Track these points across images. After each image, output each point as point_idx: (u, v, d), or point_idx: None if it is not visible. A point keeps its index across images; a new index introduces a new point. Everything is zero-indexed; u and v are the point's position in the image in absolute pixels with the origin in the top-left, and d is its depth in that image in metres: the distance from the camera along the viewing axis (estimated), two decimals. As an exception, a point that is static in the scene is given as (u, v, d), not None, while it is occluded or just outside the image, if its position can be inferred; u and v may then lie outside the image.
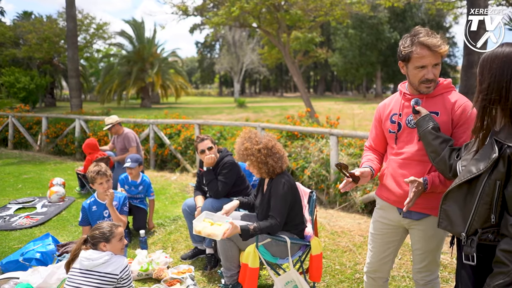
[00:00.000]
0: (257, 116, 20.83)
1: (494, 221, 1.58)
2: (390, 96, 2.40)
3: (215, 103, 39.09)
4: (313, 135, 6.55)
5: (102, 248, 2.68)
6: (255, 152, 2.94)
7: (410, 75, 2.13)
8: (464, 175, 1.64)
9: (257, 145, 2.97)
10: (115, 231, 2.75)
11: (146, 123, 8.65)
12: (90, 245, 2.68)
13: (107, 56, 35.15)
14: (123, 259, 2.68)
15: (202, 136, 3.88)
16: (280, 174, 2.99)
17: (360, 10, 14.48)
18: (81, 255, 2.61)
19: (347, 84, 65.14)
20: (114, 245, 2.71)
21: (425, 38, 2.01)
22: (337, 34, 40.28)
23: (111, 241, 2.70)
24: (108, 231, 2.71)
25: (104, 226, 2.74)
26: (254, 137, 3.02)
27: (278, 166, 2.99)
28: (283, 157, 3.03)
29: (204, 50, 63.83)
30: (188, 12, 13.53)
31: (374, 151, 2.44)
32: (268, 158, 2.95)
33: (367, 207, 5.45)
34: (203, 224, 2.83)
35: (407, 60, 2.09)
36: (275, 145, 3.02)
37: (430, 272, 2.33)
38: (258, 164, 2.97)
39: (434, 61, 2.03)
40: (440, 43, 2.01)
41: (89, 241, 2.70)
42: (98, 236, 2.69)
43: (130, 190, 4.64)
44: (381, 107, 2.39)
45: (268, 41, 16.93)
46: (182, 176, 7.60)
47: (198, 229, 2.79)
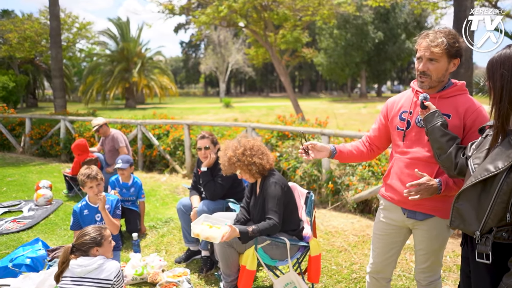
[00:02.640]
0: (244, 116, 20.78)
1: (509, 219, 1.57)
2: (401, 92, 2.40)
3: (200, 103, 38.88)
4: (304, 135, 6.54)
5: (94, 253, 2.59)
6: (239, 156, 2.93)
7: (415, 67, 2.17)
8: (481, 173, 1.62)
9: (239, 150, 2.96)
10: (105, 234, 2.69)
11: (133, 123, 8.52)
12: (80, 253, 2.58)
13: (90, 55, 34.58)
14: (116, 263, 2.61)
15: (204, 133, 3.83)
16: (270, 174, 2.97)
17: (346, 10, 14.59)
18: (71, 264, 2.52)
19: (332, 84, 65.53)
20: (105, 248, 2.66)
21: (430, 33, 2.05)
22: (322, 34, 40.48)
23: (103, 244, 2.64)
24: (98, 234, 2.64)
25: (92, 231, 2.65)
26: (233, 144, 3.01)
27: (266, 161, 2.98)
28: (267, 153, 3.02)
29: (189, 50, 63.47)
30: (175, 11, 13.39)
31: (368, 140, 2.48)
32: (253, 158, 2.94)
33: (359, 206, 5.47)
34: (201, 227, 2.78)
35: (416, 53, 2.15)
36: (254, 144, 3.03)
37: (432, 272, 2.33)
38: (247, 167, 2.95)
39: (428, 55, 2.04)
40: (438, 42, 2.01)
41: (78, 249, 2.59)
42: (89, 241, 2.59)
43: (121, 192, 4.55)
44: (390, 103, 2.38)
45: (255, 41, 16.88)
46: (172, 177, 7.51)
47: (197, 232, 2.74)
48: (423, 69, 2.07)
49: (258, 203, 2.98)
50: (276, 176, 2.97)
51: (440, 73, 2.08)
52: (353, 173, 5.68)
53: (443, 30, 2.08)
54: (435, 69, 2.06)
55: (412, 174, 2.14)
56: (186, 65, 62.90)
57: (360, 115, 21.72)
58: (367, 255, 3.94)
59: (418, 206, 2.15)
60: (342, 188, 5.62)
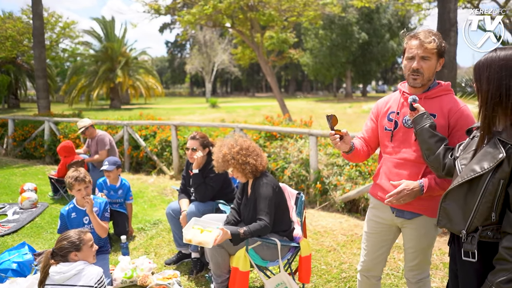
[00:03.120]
0: (231, 116, 20.76)
1: (494, 219, 1.62)
2: (390, 93, 2.45)
3: (186, 103, 38.67)
4: (292, 135, 6.58)
5: (73, 258, 2.52)
6: (234, 155, 2.93)
7: (403, 67, 2.20)
8: (467, 173, 1.66)
9: (234, 148, 2.96)
10: (85, 238, 2.60)
11: (120, 124, 8.44)
12: (59, 258, 2.50)
13: (73, 55, 34.06)
14: (97, 269, 2.54)
15: (195, 134, 3.79)
16: (262, 175, 2.98)
17: (332, 11, 14.70)
18: (50, 271, 2.44)
19: (318, 84, 65.93)
20: (85, 253, 2.57)
21: (420, 33, 2.10)
22: (308, 35, 40.70)
23: (82, 249, 2.55)
24: (77, 238, 2.56)
25: (71, 235, 2.58)
26: (228, 142, 3.01)
27: (259, 163, 2.99)
28: (261, 155, 3.03)
29: (174, 50, 63.07)
30: (161, 11, 13.29)
31: (364, 141, 2.46)
32: (248, 158, 2.94)
33: (347, 206, 5.52)
34: (192, 232, 2.76)
35: (403, 53, 2.18)
36: (250, 144, 3.04)
37: (421, 270, 2.37)
38: (240, 166, 2.95)
39: (422, 53, 2.09)
40: (431, 40, 2.06)
41: (57, 254, 2.51)
42: (67, 246, 2.51)
43: (109, 194, 4.51)
44: (381, 103, 2.41)
45: (242, 41, 16.88)
46: (159, 178, 7.46)
47: (188, 237, 2.72)
48: (417, 67, 2.10)
49: (249, 203, 2.99)
50: (268, 177, 2.98)
51: (431, 71, 2.13)
52: (341, 173, 5.73)
53: (429, 30, 2.13)
54: (427, 67, 2.11)
55: (400, 173, 2.19)
56: (171, 65, 62.48)
57: (346, 115, 21.90)
58: (356, 254, 3.98)
59: (406, 205, 2.18)
60: (330, 188, 5.66)
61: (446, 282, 3.32)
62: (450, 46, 6.85)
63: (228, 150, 2.97)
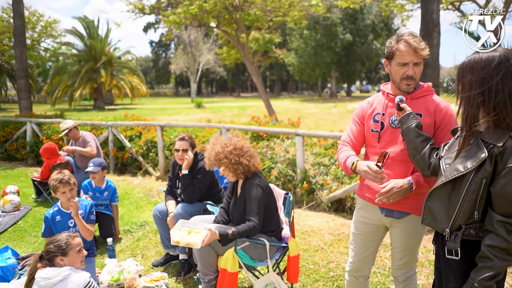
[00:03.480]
0: (216, 116, 20.70)
1: (477, 217, 1.66)
2: (373, 95, 2.46)
3: (171, 104, 38.41)
4: (278, 135, 6.60)
5: (59, 263, 2.47)
6: (227, 154, 2.92)
7: (392, 72, 2.21)
8: (451, 173, 1.69)
9: (228, 147, 2.95)
10: (72, 242, 2.55)
11: (104, 125, 8.33)
12: (46, 262, 2.46)
13: (55, 55, 33.45)
14: (84, 275, 2.49)
15: (184, 135, 3.76)
16: (253, 176, 2.98)
17: (317, 11, 14.79)
18: (37, 275, 2.40)
19: (303, 84, 66.25)
20: (72, 258, 2.53)
21: (409, 37, 2.12)
22: (293, 35, 40.87)
23: (68, 253, 2.51)
24: (64, 243, 2.51)
25: (59, 239, 2.54)
26: (222, 141, 3.00)
27: (252, 164, 2.98)
28: (254, 156, 3.02)
29: (159, 50, 62.56)
30: (145, 11, 13.17)
31: (353, 146, 2.42)
32: (241, 158, 2.93)
33: (333, 205, 5.56)
34: (180, 233, 2.75)
35: (391, 57, 2.18)
36: (244, 145, 3.02)
37: (409, 268, 2.41)
38: (233, 166, 2.94)
39: (415, 60, 2.12)
40: (423, 46, 2.11)
41: (44, 258, 2.47)
42: (54, 250, 2.47)
43: (94, 196, 4.45)
44: (365, 105, 2.42)
45: (227, 41, 16.85)
46: (145, 179, 7.39)
47: (176, 239, 2.71)
48: (412, 74, 2.13)
49: (239, 203, 2.98)
50: (259, 178, 2.98)
51: (420, 74, 2.18)
52: (327, 173, 5.77)
53: (414, 33, 2.16)
54: (419, 71, 2.17)
55: (388, 173, 2.21)
56: (156, 65, 61.91)
57: (331, 114, 22.07)
58: (344, 253, 4.01)
59: (395, 204, 2.21)
60: (316, 187, 5.70)
61: (431, 279, 3.39)
62: (433, 47, 6.95)
63: (221, 149, 2.95)
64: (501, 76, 1.60)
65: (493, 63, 1.62)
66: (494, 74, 1.61)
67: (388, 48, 2.19)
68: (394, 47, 2.15)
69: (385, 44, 2.26)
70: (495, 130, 1.62)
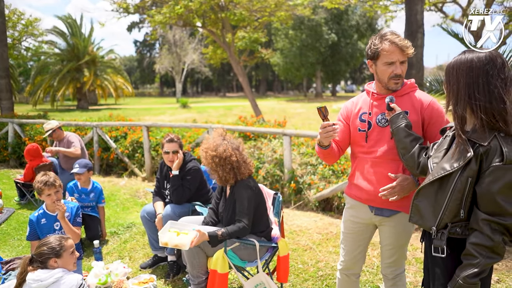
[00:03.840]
0: (202, 116, 20.61)
1: (463, 216, 1.68)
2: (356, 96, 2.47)
3: (156, 104, 38.10)
4: (265, 135, 6.60)
5: (52, 264, 2.45)
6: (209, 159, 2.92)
7: (379, 72, 2.21)
8: (438, 172, 1.72)
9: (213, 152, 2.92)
10: (66, 244, 2.54)
11: (89, 125, 8.20)
12: (38, 265, 2.43)
13: (37, 54, 32.80)
14: (77, 277, 2.47)
15: (172, 136, 3.71)
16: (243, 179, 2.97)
17: (303, 13, 14.84)
18: (28, 278, 2.36)
19: (288, 83, 66.49)
20: (66, 260, 2.51)
21: (393, 37, 2.14)
22: (278, 35, 40.96)
23: (62, 255, 2.49)
24: (58, 245, 2.50)
25: (51, 241, 2.52)
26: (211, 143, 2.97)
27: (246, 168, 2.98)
28: (249, 158, 3.02)
29: (143, 49, 62.00)
30: (130, 10, 13.02)
31: (336, 142, 2.40)
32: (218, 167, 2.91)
33: (321, 204, 5.59)
34: (168, 235, 2.72)
35: (376, 57, 2.19)
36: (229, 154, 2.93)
37: (398, 266, 2.44)
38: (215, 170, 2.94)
39: (401, 58, 2.15)
40: (408, 44, 2.14)
41: (36, 260, 2.44)
42: (47, 252, 2.45)
43: (80, 198, 4.37)
44: (349, 105, 2.42)
45: (213, 41, 16.79)
46: (131, 180, 7.31)
47: (164, 240, 2.68)
48: (400, 73, 2.16)
49: (229, 204, 2.97)
50: (249, 179, 2.97)
51: (405, 72, 2.21)
52: (314, 172, 5.80)
53: (396, 32, 2.19)
54: (405, 69, 2.19)
55: (378, 172, 2.23)
56: (140, 64, 61.36)
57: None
58: (332, 252, 4.04)
59: (385, 203, 2.23)
60: (304, 187, 5.72)
61: (419, 276, 3.44)
62: (418, 47, 7.05)
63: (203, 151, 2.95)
64: (487, 77, 1.63)
65: (479, 63, 1.64)
66: (480, 74, 1.64)
67: (372, 49, 2.19)
68: (378, 47, 2.15)
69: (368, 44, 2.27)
70: (481, 130, 1.65)
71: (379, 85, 2.28)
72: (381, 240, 2.43)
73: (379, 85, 2.27)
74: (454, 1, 11.90)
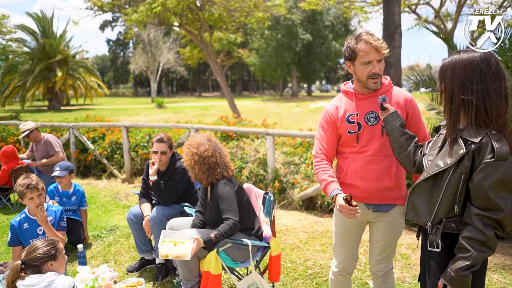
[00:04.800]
0: (179, 116, 20.39)
1: (457, 211, 1.74)
2: (334, 100, 2.44)
3: (131, 104, 37.45)
4: (248, 135, 6.60)
5: (49, 268, 2.41)
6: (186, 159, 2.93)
7: (357, 72, 2.24)
8: (432, 169, 1.77)
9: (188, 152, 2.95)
10: (59, 247, 2.51)
11: (65, 126, 7.98)
12: (31, 270, 2.37)
13: (5, 53, 31.55)
14: (69, 279, 2.41)
15: (163, 136, 3.64)
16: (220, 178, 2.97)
17: (278, 11, 14.93)
18: (19, 284, 2.30)
19: (264, 83, 66.67)
20: (60, 262, 2.49)
21: (368, 37, 2.17)
22: (254, 35, 41.01)
23: (58, 258, 2.46)
24: (52, 247, 2.45)
25: (43, 245, 2.45)
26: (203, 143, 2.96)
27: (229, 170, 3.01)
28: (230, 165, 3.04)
29: (116, 48, 60.83)
30: (105, 8, 12.75)
31: (326, 158, 2.35)
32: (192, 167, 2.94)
33: (305, 203, 5.64)
34: (167, 246, 2.67)
35: (353, 58, 2.22)
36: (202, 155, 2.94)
37: (388, 262, 2.48)
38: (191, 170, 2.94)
39: (378, 57, 2.19)
40: (383, 44, 2.18)
41: (29, 265, 2.37)
42: (42, 256, 2.39)
43: (61, 201, 4.25)
44: (332, 110, 2.36)
45: (190, 40, 16.65)
46: (111, 182, 7.16)
47: (165, 253, 2.64)
48: (378, 71, 2.19)
49: (211, 206, 2.96)
50: (225, 179, 2.97)
51: (383, 70, 2.25)
52: (297, 171, 5.84)
53: (370, 32, 2.22)
54: (382, 67, 2.23)
55: (373, 169, 2.26)
56: (114, 64, 60.17)
57: (293, 114, 22.35)
58: (320, 250, 4.07)
59: (383, 198, 2.27)
60: (287, 186, 5.75)
61: (405, 272, 3.52)
62: (395, 48, 7.21)
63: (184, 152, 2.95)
64: (480, 76, 1.68)
65: (473, 63, 1.70)
66: (474, 74, 1.69)
67: (349, 50, 2.21)
68: (355, 48, 2.18)
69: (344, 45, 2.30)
70: (473, 128, 1.71)
71: (359, 85, 2.30)
72: (372, 237, 2.46)
73: (359, 85, 2.29)
74: (427, 3, 12.22)
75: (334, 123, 2.34)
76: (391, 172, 2.26)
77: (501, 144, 1.64)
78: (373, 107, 2.27)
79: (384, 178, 2.24)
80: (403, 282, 3.39)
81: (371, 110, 2.27)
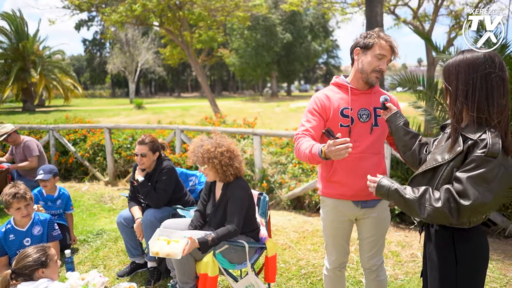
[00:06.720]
0: (159, 117, 20.10)
1: None
2: (324, 90, 2.41)
3: (109, 105, 36.78)
4: (234, 135, 6.56)
5: (40, 275, 2.34)
6: (218, 155, 2.83)
7: (365, 62, 2.24)
8: (430, 163, 1.82)
9: (220, 148, 2.87)
10: (50, 253, 2.44)
11: (44, 128, 7.76)
12: (21, 279, 2.30)
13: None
14: (62, 286, 2.36)
15: (144, 137, 3.55)
16: (236, 178, 2.93)
17: (260, 11, 14.94)
18: None
19: (243, 83, 66.66)
20: (52, 269, 2.42)
21: (388, 37, 2.24)
22: (233, 35, 40.93)
23: (49, 265, 2.39)
24: (42, 254, 2.38)
25: (34, 252, 2.38)
26: (214, 141, 2.92)
27: (242, 168, 2.96)
28: (242, 161, 2.99)
29: (93, 48, 59.67)
30: (82, 7, 12.46)
31: (313, 137, 2.27)
32: (232, 161, 2.88)
33: (293, 203, 5.65)
34: (159, 244, 2.62)
35: (369, 47, 2.23)
36: (236, 148, 2.97)
37: (379, 256, 2.52)
38: (222, 168, 2.86)
39: (389, 57, 2.26)
40: (397, 46, 2.25)
41: (19, 274, 2.30)
42: (32, 264, 2.32)
43: (46, 206, 4.12)
44: (324, 99, 2.33)
45: (170, 40, 16.46)
46: (94, 185, 7.00)
47: (155, 250, 2.58)
48: (384, 69, 2.24)
49: (219, 206, 2.91)
50: (241, 180, 2.94)
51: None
52: (285, 171, 5.85)
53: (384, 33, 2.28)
54: (385, 69, 2.28)
55: (363, 166, 2.28)
56: (90, 64, 58.93)
57: (275, 114, 22.40)
58: (311, 250, 4.08)
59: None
60: (275, 186, 5.75)
61: (397, 269, 3.56)
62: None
63: (212, 147, 2.85)
64: (483, 76, 1.71)
65: (477, 62, 1.72)
66: (477, 73, 1.72)
67: (368, 39, 2.23)
68: (375, 40, 2.21)
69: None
70: (474, 126, 1.73)
71: (358, 78, 2.31)
72: (362, 234, 2.49)
73: (358, 78, 2.30)
74: (405, 4, 12.45)
75: (324, 112, 2.31)
76: (379, 169, 2.31)
77: (495, 142, 1.66)
78: (366, 105, 2.30)
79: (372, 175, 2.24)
80: (396, 279, 3.43)
81: (364, 107, 2.29)
